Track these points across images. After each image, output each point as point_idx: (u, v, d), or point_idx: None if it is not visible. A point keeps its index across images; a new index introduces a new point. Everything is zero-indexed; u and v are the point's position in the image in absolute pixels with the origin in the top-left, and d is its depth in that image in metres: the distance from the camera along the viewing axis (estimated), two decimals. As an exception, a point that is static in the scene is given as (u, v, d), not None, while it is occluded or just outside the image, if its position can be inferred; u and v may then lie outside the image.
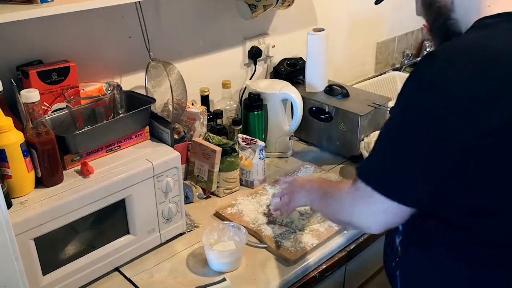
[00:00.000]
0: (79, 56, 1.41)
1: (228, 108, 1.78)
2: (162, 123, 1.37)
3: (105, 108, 1.29)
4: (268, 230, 1.40)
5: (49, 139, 1.14)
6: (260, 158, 1.60)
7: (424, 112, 0.87)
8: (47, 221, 1.10)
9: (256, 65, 1.93)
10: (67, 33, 1.41)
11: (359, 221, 1.02)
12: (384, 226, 1.00)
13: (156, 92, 1.57)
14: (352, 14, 2.26)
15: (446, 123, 0.86)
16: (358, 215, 1.02)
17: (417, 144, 0.89)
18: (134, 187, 1.24)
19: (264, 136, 1.77)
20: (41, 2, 1.11)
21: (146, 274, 1.27)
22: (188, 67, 1.70)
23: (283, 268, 1.29)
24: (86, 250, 1.22)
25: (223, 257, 1.27)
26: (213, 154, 1.51)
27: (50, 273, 1.16)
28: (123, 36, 1.54)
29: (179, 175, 1.33)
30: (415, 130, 0.89)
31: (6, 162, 1.08)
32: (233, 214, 1.47)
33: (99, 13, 1.38)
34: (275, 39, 1.96)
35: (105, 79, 1.46)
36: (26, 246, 1.09)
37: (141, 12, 1.50)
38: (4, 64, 1.31)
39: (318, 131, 1.83)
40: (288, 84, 1.78)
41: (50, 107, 1.31)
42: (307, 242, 1.35)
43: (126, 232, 1.28)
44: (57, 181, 1.18)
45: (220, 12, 1.77)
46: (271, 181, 1.64)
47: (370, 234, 1.45)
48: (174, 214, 1.35)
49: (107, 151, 1.29)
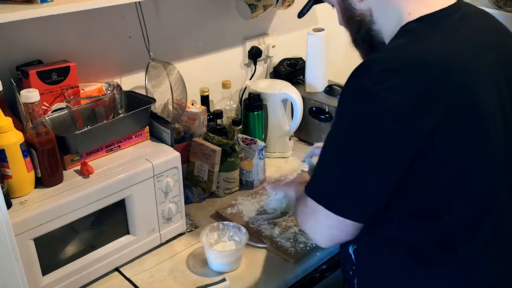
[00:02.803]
0: (79, 56, 1.41)
1: (228, 108, 1.77)
2: (162, 123, 1.37)
3: (105, 108, 1.29)
4: (268, 230, 1.40)
5: (49, 139, 1.14)
6: (260, 158, 1.60)
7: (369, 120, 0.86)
8: (47, 221, 1.10)
9: (256, 65, 1.93)
10: (67, 33, 1.41)
11: (309, 234, 1.04)
12: (331, 241, 1.00)
13: (156, 92, 1.56)
14: (352, 14, 2.26)
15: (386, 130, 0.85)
16: (308, 229, 1.02)
17: (358, 155, 0.88)
18: (134, 187, 1.24)
19: (264, 136, 1.77)
20: (41, 2, 1.11)
21: (146, 274, 1.27)
22: (188, 67, 1.70)
23: (283, 268, 1.29)
24: (86, 250, 1.22)
25: (223, 257, 1.27)
26: (213, 154, 1.51)
27: (50, 273, 1.16)
28: (123, 36, 1.54)
29: (179, 175, 1.33)
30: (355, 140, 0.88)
31: (6, 162, 1.08)
32: (233, 214, 1.47)
33: (99, 13, 1.38)
34: (275, 39, 1.96)
35: (105, 79, 1.46)
36: (26, 246, 1.09)
37: (141, 12, 1.50)
38: (4, 64, 1.31)
39: (318, 131, 1.83)
40: (288, 84, 1.78)
41: (50, 107, 1.31)
42: (307, 242, 1.35)
43: (126, 232, 1.28)
44: (57, 181, 1.18)
45: (220, 12, 1.77)
46: (271, 181, 1.64)
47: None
48: (174, 214, 1.35)
49: (107, 151, 1.29)
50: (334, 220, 0.94)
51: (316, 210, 0.95)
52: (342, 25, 1.09)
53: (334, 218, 0.93)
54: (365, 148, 0.87)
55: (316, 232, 1.00)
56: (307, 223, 1.01)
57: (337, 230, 0.96)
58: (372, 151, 0.87)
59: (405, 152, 0.86)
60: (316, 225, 0.98)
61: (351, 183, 0.91)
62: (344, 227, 0.95)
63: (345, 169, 0.91)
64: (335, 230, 0.96)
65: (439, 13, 0.93)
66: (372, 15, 1.00)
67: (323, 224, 0.96)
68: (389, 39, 0.97)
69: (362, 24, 1.02)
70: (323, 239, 1.00)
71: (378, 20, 1.00)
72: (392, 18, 0.96)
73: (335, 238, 0.99)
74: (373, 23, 1.00)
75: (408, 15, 0.94)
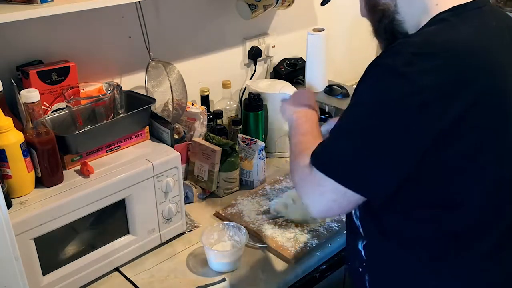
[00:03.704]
0: (79, 56, 1.41)
1: (228, 108, 1.77)
2: (162, 123, 1.37)
3: (105, 108, 1.29)
4: (268, 230, 1.40)
5: (49, 139, 1.14)
6: (260, 158, 1.60)
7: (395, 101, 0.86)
8: (47, 221, 1.10)
9: (256, 65, 1.93)
10: (67, 33, 1.41)
11: (308, 203, 0.98)
12: (328, 214, 1.00)
13: (156, 92, 1.57)
14: (352, 14, 2.26)
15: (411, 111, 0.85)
16: (307, 198, 0.98)
17: (379, 133, 0.87)
18: (134, 187, 1.24)
19: (264, 136, 1.77)
20: (41, 2, 1.11)
21: (146, 274, 1.27)
22: (188, 67, 1.70)
23: (283, 268, 1.29)
24: (86, 250, 1.22)
25: (223, 257, 1.27)
26: (213, 154, 1.51)
27: (50, 273, 1.16)
28: (123, 36, 1.54)
29: (179, 175, 1.33)
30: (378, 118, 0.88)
31: (6, 162, 1.08)
32: (233, 214, 1.47)
33: (99, 13, 1.38)
34: (275, 39, 1.96)
35: (105, 79, 1.46)
36: (26, 246, 1.09)
37: (141, 12, 1.50)
38: (4, 64, 1.31)
39: (318, 131, 1.83)
40: (288, 84, 1.78)
41: (50, 107, 1.31)
42: (307, 242, 1.35)
43: (126, 232, 1.28)
44: (57, 181, 1.18)
45: (220, 12, 1.77)
46: (271, 181, 1.64)
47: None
48: (174, 214, 1.35)
49: (107, 151, 1.29)
50: (340, 195, 0.91)
51: (322, 183, 0.92)
52: (364, 15, 1.09)
53: (341, 193, 0.91)
54: (387, 127, 0.87)
55: (316, 203, 0.96)
56: (308, 193, 0.98)
57: (339, 204, 0.93)
58: (394, 130, 0.86)
59: (427, 135, 0.86)
60: (320, 197, 0.94)
61: (368, 159, 0.89)
62: (348, 202, 0.93)
63: (363, 145, 0.89)
64: (337, 204, 0.93)
65: (469, 5, 0.94)
66: (396, 5, 1.00)
67: (328, 197, 0.93)
68: (414, 29, 0.98)
69: (385, 14, 1.02)
70: (321, 210, 0.97)
71: (402, 10, 1.00)
72: (417, 8, 0.97)
73: (333, 211, 0.97)
74: (397, 13, 1.00)
75: (436, 6, 0.95)
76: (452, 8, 0.94)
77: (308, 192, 0.98)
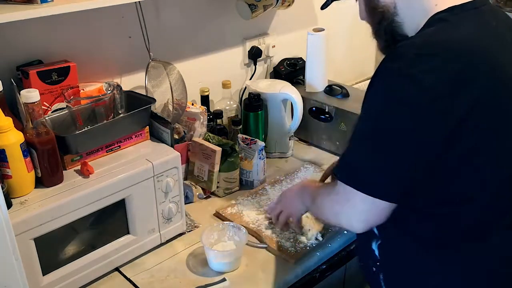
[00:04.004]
0: (79, 56, 1.41)
1: (228, 108, 1.77)
2: (162, 123, 1.37)
3: (105, 108, 1.29)
4: (268, 230, 1.40)
5: (49, 139, 1.14)
6: (260, 158, 1.60)
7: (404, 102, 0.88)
8: (47, 221, 1.10)
9: (256, 65, 1.93)
10: (67, 33, 1.41)
11: (344, 222, 1.03)
12: (368, 226, 1.01)
13: (156, 92, 1.57)
14: (352, 14, 2.26)
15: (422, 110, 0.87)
16: (343, 217, 1.02)
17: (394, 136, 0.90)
18: (134, 187, 1.24)
19: (264, 136, 1.77)
20: (41, 2, 1.11)
21: (146, 274, 1.27)
22: (188, 67, 1.70)
23: (283, 268, 1.29)
24: (86, 250, 1.22)
25: (223, 257, 1.27)
26: (213, 154, 1.51)
27: (50, 273, 1.16)
28: (123, 36, 1.54)
29: (179, 175, 1.33)
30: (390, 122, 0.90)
31: (6, 162, 1.08)
32: (233, 214, 1.47)
33: (99, 13, 1.38)
34: (275, 39, 1.96)
35: (105, 79, 1.46)
36: (26, 246, 1.08)
37: (141, 12, 1.50)
38: (4, 64, 1.31)
39: (318, 131, 1.83)
40: (288, 84, 1.78)
41: (50, 107, 1.31)
42: (307, 242, 1.35)
43: (126, 232, 1.28)
44: (57, 181, 1.18)
45: (220, 12, 1.77)
46: (271, 181, 1.64)
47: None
48: (174, 214, 1.35)
49: (107, 151, 1.29)
50: (370, 204, 0.94)
51: (350, 197, 0.96)
52: (363, 19, 1.10)
53: (370, 202, 0.94)
54: (400, 129, 0.89)
55: (352, 218, 0.99)
56: (342, 212, 1.01)
57: (373, 213, 0.96)
58: (407, 132, 0.88)
59: (440, 132, 0.87)
60: (352, 210, 0.98)
61: (388, 164, 0.92)
62: (380, 210, 0.95)
63: (381, 151, 0.92)
64: (371, 214, 0.96)
65: (468, 4, 0.95)
66: (396, 7, 1.01)
67: (360, 209, 0.96)
68: (414, 30, 0.99)
69: (385, 16, 1.03)
70: (360, 224, 1.00)
71: (401, 12, 1.01)
72: (417, 10, 0.98)
73: (371, 221, 0.99)
74: (396, 15, 1.02)
75: (435, 6, 0.96)
76: (449, 8, 0.95)
77: (341, 212, 1.01)
